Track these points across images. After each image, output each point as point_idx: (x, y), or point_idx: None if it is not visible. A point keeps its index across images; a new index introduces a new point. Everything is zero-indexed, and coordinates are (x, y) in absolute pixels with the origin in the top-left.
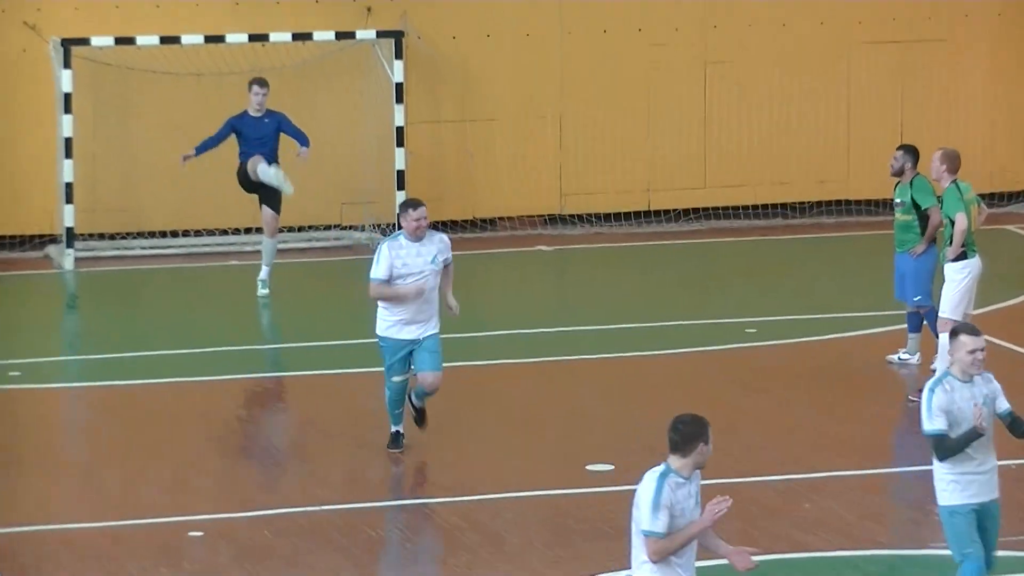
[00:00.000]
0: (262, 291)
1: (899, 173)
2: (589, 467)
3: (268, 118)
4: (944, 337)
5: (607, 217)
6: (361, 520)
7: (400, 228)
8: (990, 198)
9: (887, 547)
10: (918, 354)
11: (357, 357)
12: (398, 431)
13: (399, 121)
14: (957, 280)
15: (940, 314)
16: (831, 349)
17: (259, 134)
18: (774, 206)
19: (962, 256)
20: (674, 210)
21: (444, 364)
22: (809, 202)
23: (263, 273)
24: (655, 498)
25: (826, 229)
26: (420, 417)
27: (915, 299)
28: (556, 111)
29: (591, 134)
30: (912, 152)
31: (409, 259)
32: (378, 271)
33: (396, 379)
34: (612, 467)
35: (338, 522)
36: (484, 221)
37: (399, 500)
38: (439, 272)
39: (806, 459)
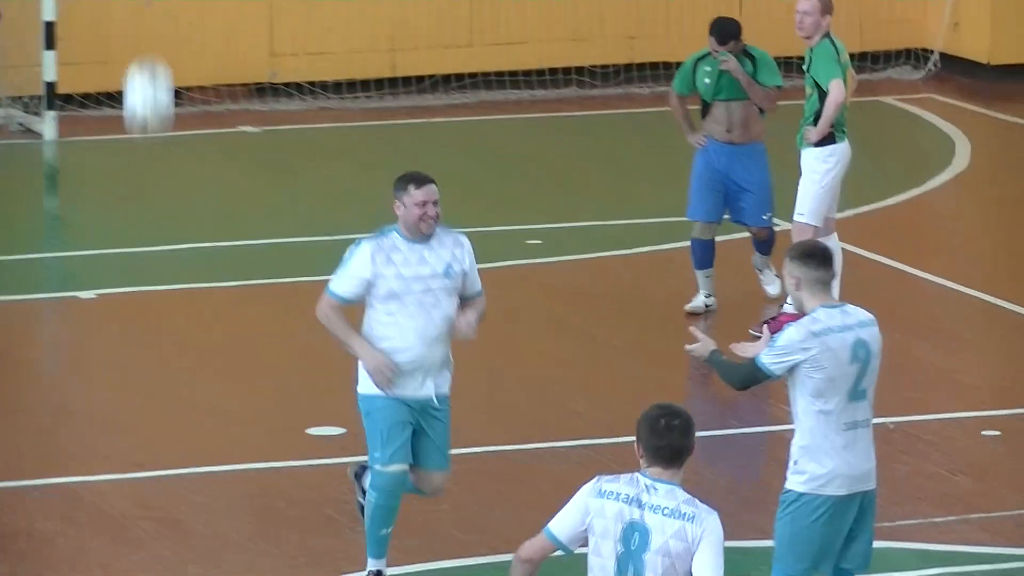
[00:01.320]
0: None
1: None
2: (311, 431)
3: None
4: None
5: (336, 87)
6: None
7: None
8: (860, 60)
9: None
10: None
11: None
12: (379, 571)
13: None
14: (820, 172)
15: (796, 217)
16: (643, 266)
17: None
18: (567, 71)
19: (828, 139)
20: (429, 77)
21: (104, 290)
22: (615, 65)
23: None
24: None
25: (638, 103)
26: None
27: (765, 216)
28: None
29: None
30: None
31: (409, 266)
32: (340, 284)
33: (393, 468)
34: (343, 431)
35: None
36: None
37: (47, 479)
38: (453, 290)
39: (606, 420)
